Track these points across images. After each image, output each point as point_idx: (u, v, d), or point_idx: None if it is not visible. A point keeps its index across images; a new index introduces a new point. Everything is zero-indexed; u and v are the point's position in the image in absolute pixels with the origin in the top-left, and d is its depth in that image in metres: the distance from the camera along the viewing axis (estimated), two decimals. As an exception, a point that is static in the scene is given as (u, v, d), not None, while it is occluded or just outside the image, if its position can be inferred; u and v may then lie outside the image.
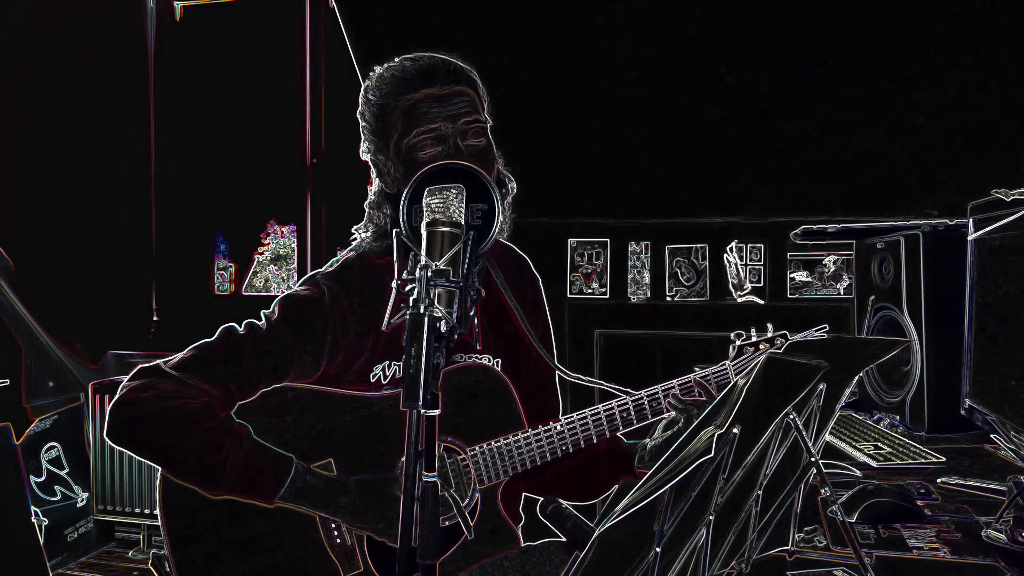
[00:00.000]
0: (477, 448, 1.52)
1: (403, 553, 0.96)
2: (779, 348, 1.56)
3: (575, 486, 1.72)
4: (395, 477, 1.47)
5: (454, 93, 1.49)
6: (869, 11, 2.80)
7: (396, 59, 1.55)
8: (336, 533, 1.49)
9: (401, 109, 1.49)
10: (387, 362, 1.55)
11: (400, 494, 0.97)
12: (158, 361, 1.47)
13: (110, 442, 1.46)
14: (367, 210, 1.60)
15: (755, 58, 2.94)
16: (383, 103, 1.52)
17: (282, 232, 4.23)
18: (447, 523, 1.48)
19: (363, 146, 1.59)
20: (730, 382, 1.53)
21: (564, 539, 1.63)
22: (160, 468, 1.46)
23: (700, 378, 1.55)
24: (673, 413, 1.55)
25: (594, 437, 1.54)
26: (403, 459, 1.01)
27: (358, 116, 1.58)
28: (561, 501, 1.71)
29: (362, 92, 1.56)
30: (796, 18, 2.86)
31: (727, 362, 1.57)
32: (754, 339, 1.58)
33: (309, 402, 1.50)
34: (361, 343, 1.53)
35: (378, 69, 1.55)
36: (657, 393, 1.54)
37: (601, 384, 1.61)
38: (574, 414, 1.55)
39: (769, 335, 1.58)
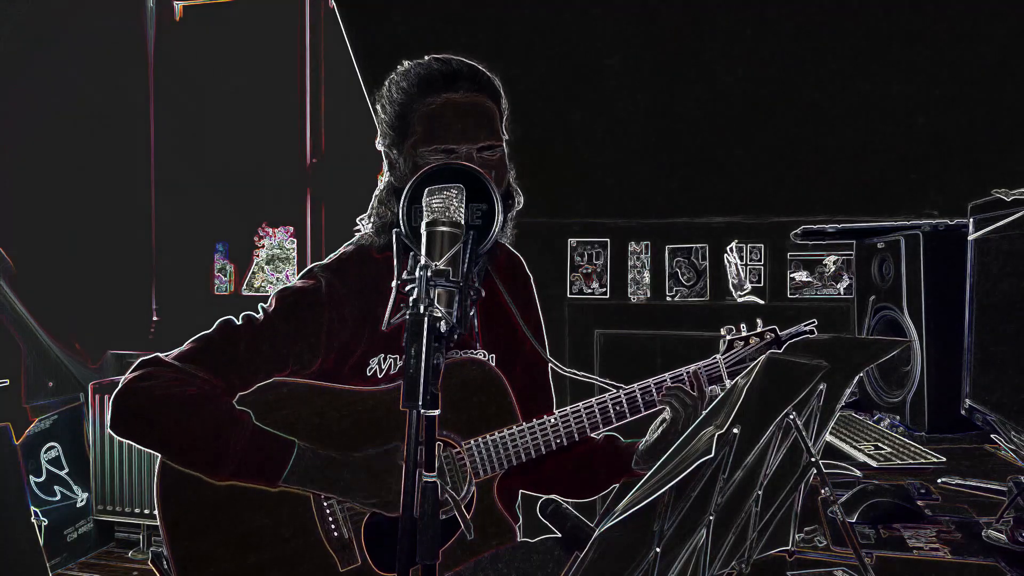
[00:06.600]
0: (472, 442, 1.53)
1: (402, 549, 0.96)
2: (768, 342, 1.58)
3: (574, 484, 1.72)
4: (396, 447, 1.47)
5: (475, 104, 1.48)
6: (869, 9, 2.80)
7: (425, 57, 1.53)
8: (334, 526, 1.49)
9: (421, 113, 1.48)
10: (383, 355, 1.55)
11: (402, 462, 0.97)
12: (157, 353, 1.47)
13: (113, 434, 1.46)
14: (373, 202, 1.59)
15: (755, 57, 2.94)
16: (405, 102, 1.50)
17: (275, 234, 4.23)
18: (444, 516, 1.47)
19: (379, 138, 1.58)
20: (721, 376, 1.56)
21: (561, 536, 1.63)
22: (163, 456, 1.46)
23: (690, 372, 1.56)
24: (663, 415, 1.56)
25: (587, 429, 1.55)
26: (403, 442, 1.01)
27: (378, 107, 1.56)
28: (560, 500, 1.71)
29: (386, 84, 1.54)
30: (796, 17, 2.86)
31: (718, 356, 1.59)
32: (744, 333, 1.60)
33: (305, 397, 1.50)
34: (358, 335, 1.52)
35: (406, 64, 1.54)
36: (649, 386, 1.56)
37: (594, 379, 1.62)
38: (568, 407, 1.56)
39: (759, 330, 1.60)
